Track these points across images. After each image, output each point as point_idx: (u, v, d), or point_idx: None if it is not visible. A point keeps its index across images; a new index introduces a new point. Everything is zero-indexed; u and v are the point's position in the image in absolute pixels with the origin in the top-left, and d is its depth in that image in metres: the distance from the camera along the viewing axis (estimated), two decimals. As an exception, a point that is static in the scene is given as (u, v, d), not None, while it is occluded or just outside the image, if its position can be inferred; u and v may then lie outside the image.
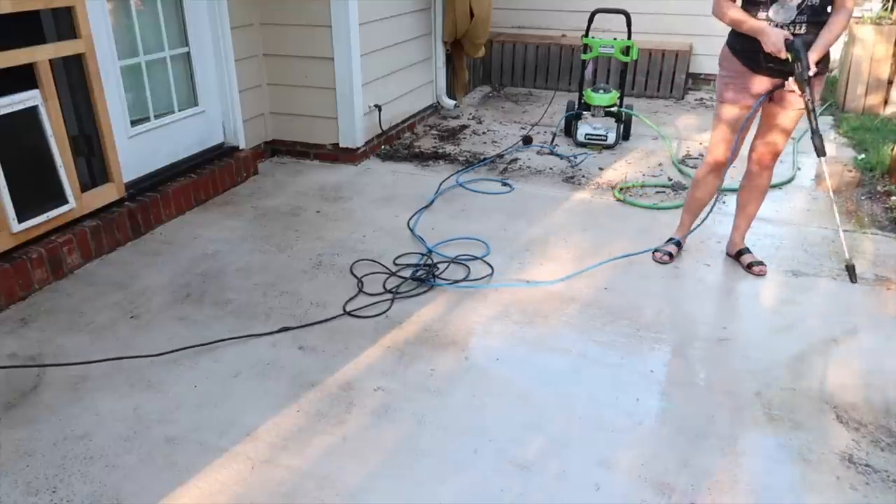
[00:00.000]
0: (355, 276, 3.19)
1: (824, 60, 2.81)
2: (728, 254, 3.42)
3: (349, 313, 2.90)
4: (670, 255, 3.35)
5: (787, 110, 2.97)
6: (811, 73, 2.67)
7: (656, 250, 3.38)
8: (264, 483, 2.05)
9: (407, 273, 3.20)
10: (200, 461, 2.12)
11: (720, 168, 3.19)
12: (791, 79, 2.73)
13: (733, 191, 4.19)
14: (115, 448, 2.17)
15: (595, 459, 2.13)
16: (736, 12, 2.84)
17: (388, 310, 2.94)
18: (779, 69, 2.80)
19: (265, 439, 2.21)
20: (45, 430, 2.24)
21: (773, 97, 2.97)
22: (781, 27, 2.75)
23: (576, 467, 2.11)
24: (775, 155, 3.12)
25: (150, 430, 2.25)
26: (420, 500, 1.99)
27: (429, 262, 3.30)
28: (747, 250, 3.35)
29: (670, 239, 3.44)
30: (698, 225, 3.42)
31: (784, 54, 2.69)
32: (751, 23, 2.77)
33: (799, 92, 2.72)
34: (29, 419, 2.29)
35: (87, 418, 2.30)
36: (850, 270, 2.93)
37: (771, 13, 2.77)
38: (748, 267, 3.26)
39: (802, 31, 2.76)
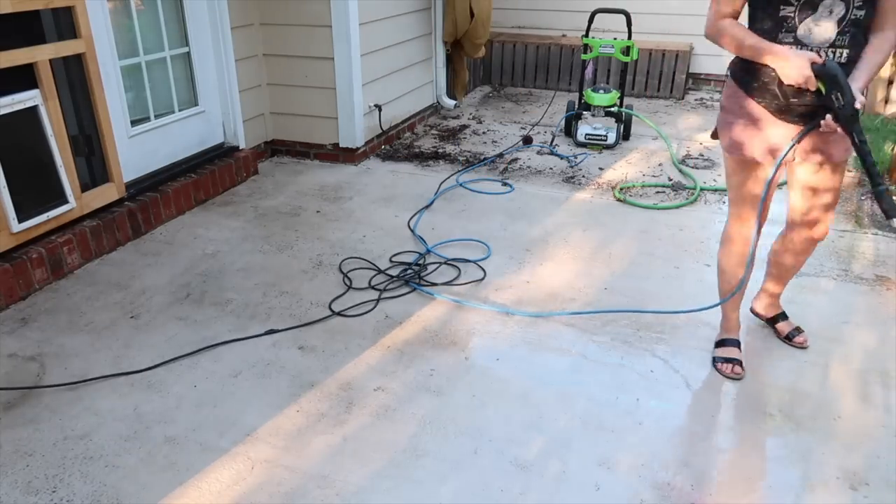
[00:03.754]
0: (343, 272, 3.19)
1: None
2: (755, 312, 2.81)
3: (337, 313, 2.90)
4: (741, 363, 2.52)
5: (823, 165, 2.23)
6: (859, 105, 1.92)
7: (719, 361, 2.55)
8: (264, 483, 2.05)
9: (398, 272, 3.20)
10: (200, 461, 2.12)
11: (748, 244, 2.40)
12: (829, 116, 1.98)
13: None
14: (115, 448, 2.17)
15: (595, 459, 2.14)
16: (737, 30, 2.07)
17: (373, 309, 2.94)
18: (806, 105, 2.08)
19: (265, 439, 2.21)
20: (45, 430, 2.24)
21: (807, 148, 2.20)
22: (816, 51, 2.01)
23: (576, 467, 2.11)
24: (827, 225, 2.40)
25: (150, 430, 2.25)
26: (420, 500, 1.99)
27: (420, 262, 3.30)
28: (784, 316, 2.72)
29: (724, 341, 2.60)
30: (734, 292, 2.54)
31: (814, 84, 1.96)
32: (758, 44, 2.02)
33: (843, 132, 2.00)
34: (29, 419, 2.29)
35: (87, 418, 2.30)
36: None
37: (801, 32, 2.00)
38: (787, 338, 2.67)
39: (843, 58, 2.01)
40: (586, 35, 5.12)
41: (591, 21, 5.09)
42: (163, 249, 3.46)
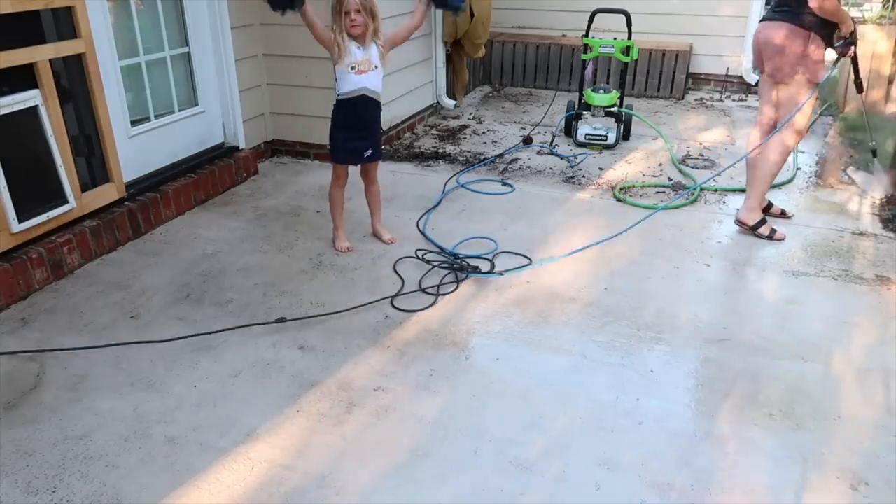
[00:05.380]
0: (399, 274, 3.20)
1: None
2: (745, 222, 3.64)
3: (395, 307, 2.91)
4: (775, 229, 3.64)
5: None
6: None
7: (774, 233, 3.60)
8: (264, 483, 2.05)
9: (435, 272, 3.22)
10: (200, 461, 2.12)
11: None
12: (853, 48, 3.32)
13: (735, 190, 4.20)
14: (115, 448, 2.17)
15: (595, 459, 2.13)
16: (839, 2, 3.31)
17: (433, 304, 2.97)
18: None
19: (265, 439, 2.21)
20: (45, 430, 2.24)
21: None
22: None
23: (576, 467, 2.11)
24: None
25: (150, 430, 2.25)
26: (420, 501, 1.99)
27: (456, 261, 3.31)
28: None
29: (763, 220, 3.60)
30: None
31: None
32: (844, 9, 3.31)
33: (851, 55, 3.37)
34: (29, 419, 2.29)
35: (87, 418, 2.30)
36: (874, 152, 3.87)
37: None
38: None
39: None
40: (586, 35, 5.12)
41: (591, 21, 5.08)
42: (163, 249, 3.46)
